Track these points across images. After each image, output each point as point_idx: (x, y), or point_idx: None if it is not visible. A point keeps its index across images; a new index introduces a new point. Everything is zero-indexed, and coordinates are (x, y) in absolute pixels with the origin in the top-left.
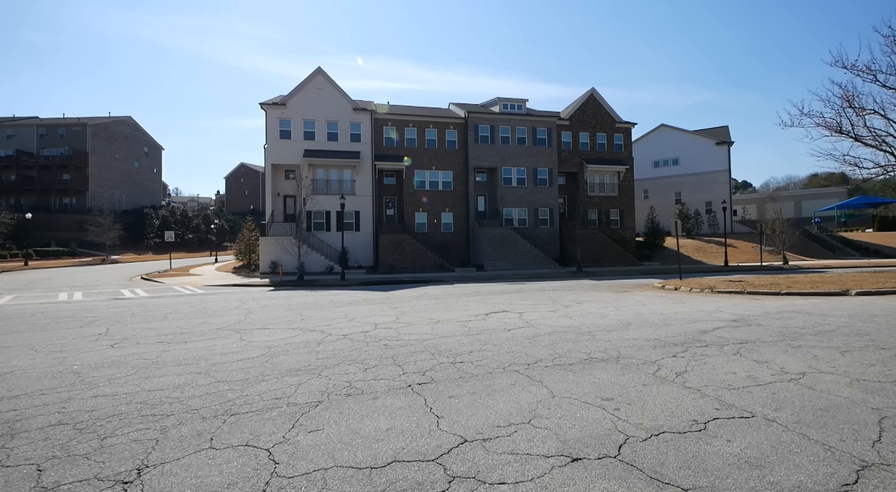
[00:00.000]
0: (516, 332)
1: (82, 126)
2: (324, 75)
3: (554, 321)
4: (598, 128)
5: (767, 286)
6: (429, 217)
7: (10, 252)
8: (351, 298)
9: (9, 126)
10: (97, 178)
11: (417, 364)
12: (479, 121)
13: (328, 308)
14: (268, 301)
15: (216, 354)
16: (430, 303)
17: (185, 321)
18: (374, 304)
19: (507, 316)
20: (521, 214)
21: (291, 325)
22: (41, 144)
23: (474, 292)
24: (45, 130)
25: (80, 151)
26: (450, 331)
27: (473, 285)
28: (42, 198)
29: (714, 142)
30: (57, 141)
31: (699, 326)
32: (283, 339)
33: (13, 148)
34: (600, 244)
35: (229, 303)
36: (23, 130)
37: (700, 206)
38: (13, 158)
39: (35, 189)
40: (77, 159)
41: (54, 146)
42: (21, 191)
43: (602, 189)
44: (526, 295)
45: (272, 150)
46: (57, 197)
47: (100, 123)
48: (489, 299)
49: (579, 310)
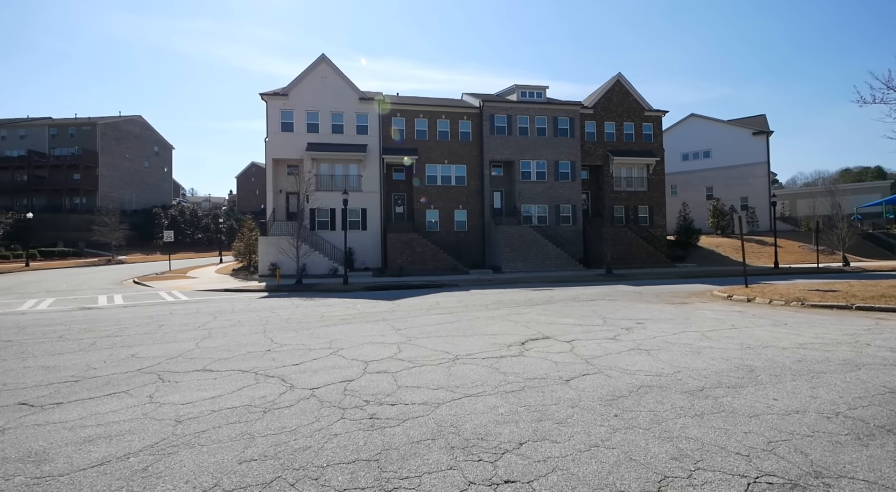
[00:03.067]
0: (580, 385)
1: (92, 125)
2: (328, 63)
3: (628, 361)
4: (625, 117)
5: (876, 298)
6: (441, 215)
7: (13, 253)
8: (347, 310)
9: (22, 126)
10: (107, 177)
11: (426, 485)
12: (495, 110)
13: (312, 328)
14: (246, 315)
15: (66, 444)
16: (443, 320)
17: (110, 352)
18: (373, 321)
19: (552, 348)
20: (540, 210)
21: (247, 364)
22: (52, 143)
23: (496, 302)
24: (56, 130)
25: (90, 151)
26: (475, 381)
27: (493, 292)
28: (53, 198)
29: (751, 132)
30: (67, 141)
31: (882, 376)
32: (214, 399)
33: (25, 148)
34: (629, 244)
35: (198, 318)
36: (35, 131)
37: (735, 201)
38: (25, 159)
39: (46, 189)
40: (87, 159)
41: (65, 146)
42: (32, 191)
43: (629, 183)
44: (561, 307)
45: (273, 143)
46: (67, 197)
47: (109, 122)
48: (518, 315)
49: (647, 335)
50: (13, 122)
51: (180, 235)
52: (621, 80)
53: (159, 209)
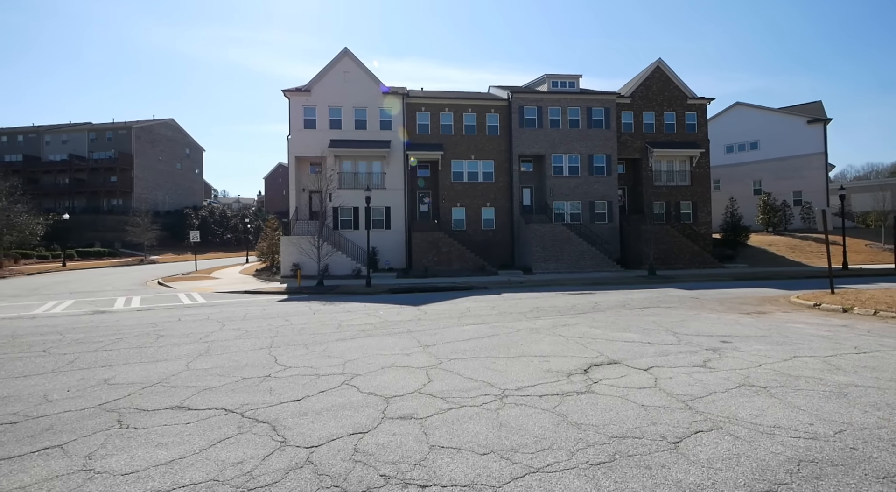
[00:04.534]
0: (699, 454)
1: (127, 129)
2: (351, 57)
3: (748, 406)
4: (665, 105)
5: None
6: (467, 213)
7: (52, 253)
8: (368, 317)
9: (64, 131)
10: (141, 179)
11: None
12: (525, 102)
13: (326, 343)
14: (256, 324)
15: None
16: (477, 333)
17: (83, 375)
18: (396, 333)
19: (627, 379)
20: (573, 207)
21: (235, 398)
22: (91, 147)
23: (534, 309)
24: (94, 135)
25: (126, 154)
26: (538, 438)
27: (527, 296)
28: (92, 200)
29: (805, 120)
30: (105, 144)
31: None
32: (170, 465)
33: (67, 152)
34: (671, 242)
35: (205, 326)
36: (76, 135)
37: (786, 196)
38: (66, 162)
39: (85, 191)
40: (122, 161)
41: (103, 150)
42: (74, 193)
43: (670, 177)
44: (613, 317)
45: (296, 141)
46: (105, 198)
47: (143, 125)
48: (566, 327)
49: (748, 362)
50: (56, 127)
51: (210, 236)
52: (661, 66)
53: (190, 210)
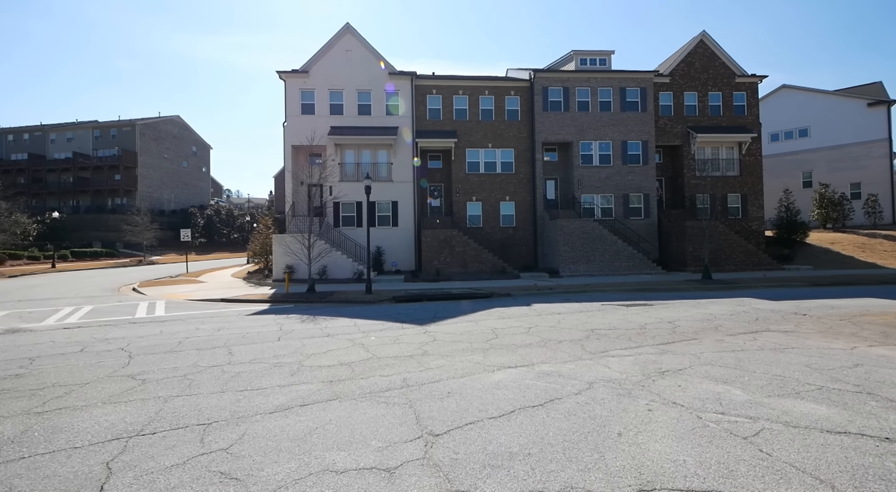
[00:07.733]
0: None
1: (131, 126)
2: (353, 34)
3: None
4: (710, 85)
5: None
6: (484, 208)
7: (45, 253)
8: (350, 347)
9: (69, 129)
10: (146, 178)
11: None
12: (549, 82)
13: (247, 422)
14: (177, 362)
15: None
16: (521, 390)
17: None
18: (382, 393)
19: None
20: (604, 201)
21: None
22: (96, 145)
23: (588, 333)
24: (99, 132)
25: (130, 151)
26: None
27: (566, 308)
28: (96, 198)
29: (865, 102)
30: (109, 142)
31: None
32: None
33: (72, 150)
34: (720, 241)
35: (98, 368)
36: (80, 133)
37: (843, 188)
38: (71, 160)
39: (90, 190)
40: (126, 159)
41: (107, 147)
42: (78, 192)
43: (716, 166)
44: (723, 352)
45: (292, 128)
46: (109, 197)
47: (148, 122)
48: (667, 376)
49: None
50: (62, 126)
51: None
52: (705, 39)
53: (195, 209)
